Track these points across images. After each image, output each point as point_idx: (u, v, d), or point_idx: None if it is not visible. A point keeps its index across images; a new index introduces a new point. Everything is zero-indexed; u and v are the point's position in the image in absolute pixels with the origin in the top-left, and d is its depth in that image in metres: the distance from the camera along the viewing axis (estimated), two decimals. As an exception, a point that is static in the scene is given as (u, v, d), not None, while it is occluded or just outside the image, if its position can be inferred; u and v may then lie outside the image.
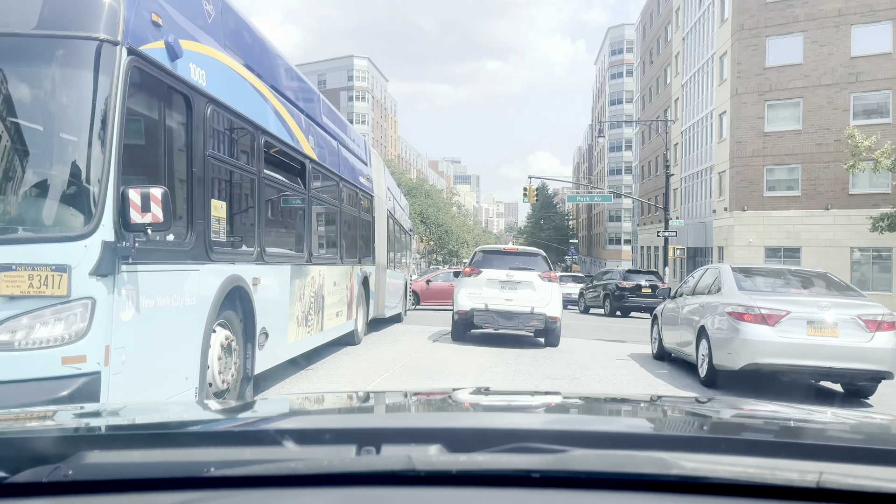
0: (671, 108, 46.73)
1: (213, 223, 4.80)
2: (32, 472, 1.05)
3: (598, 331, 17.46)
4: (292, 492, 1.03)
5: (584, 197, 40.23)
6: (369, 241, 12.15)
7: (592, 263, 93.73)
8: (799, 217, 31.73)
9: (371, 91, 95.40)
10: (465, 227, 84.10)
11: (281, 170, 6.63)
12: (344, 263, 9.78)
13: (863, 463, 1.12)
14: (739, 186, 33.11)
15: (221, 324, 5.11)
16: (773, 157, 32.38)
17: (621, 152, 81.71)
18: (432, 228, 62.83)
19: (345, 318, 9.91)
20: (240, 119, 5.40)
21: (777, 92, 32.32)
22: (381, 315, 13.57)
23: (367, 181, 11.81)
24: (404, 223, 18.98)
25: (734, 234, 33.07)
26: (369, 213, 12.13)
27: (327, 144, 8.78)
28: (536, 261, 12.33)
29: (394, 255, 15.58)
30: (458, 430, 1.30)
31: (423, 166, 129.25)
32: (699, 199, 40.36)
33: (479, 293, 11.81)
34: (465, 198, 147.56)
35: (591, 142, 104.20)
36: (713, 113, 37.22)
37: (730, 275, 8.93)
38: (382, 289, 13.30)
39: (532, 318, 11.53)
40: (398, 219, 16.65)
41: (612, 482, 1.01)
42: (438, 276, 25.98)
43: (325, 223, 9.31)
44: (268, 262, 6.04)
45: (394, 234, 15.57)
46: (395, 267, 15.83)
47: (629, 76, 79.95)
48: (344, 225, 9.92)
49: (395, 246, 16.15)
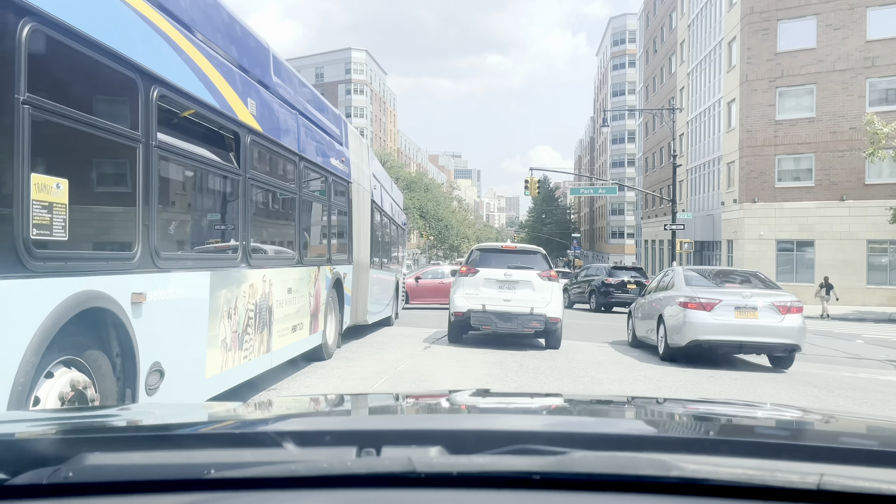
0: (676, 98, 45.32)
1: (37, 212, 3.13)
2: (33, 474, 1.05)
3: (587, 329, 17.07)
4: (292, 494, 1.03)
5: (588, 189, 38.79)
6: (345, 235, 10.32)
7: (595, 258, 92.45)
8: (812, 209, 30.38)
9: (369, 84, 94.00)
10: (466, 222, 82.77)
11: (196, 139, 5.01)
12: (305, 264, 7.92)
13: (863, 464, 1.11)
14: (750, 177, 31.75)
15: (68, 363, 3.50)
16: (785, 146, 31.02)
17: (624, 144, 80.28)
18: (432, 223, 61.45)
19: (307, 332, 8.10)
20: (94, 47, 3.55)
21: (789, 78, 30.94)
22: (361, 321, 11.69)
23: (341, 164, 9.83)
24: (396, 216, 17.23)
25: (744, 226, 31.73)
26: (345, 201, 10.19)
27: (280, 113, 6.95)
28: (535, 259, 11.84)
29: (382, 251, 13.99)
30: (458, 432, 1.31)
31: (423, 160, 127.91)
32: (707, 191, 39.00)
33: (477, 294, 11.34)
34: (466, 192, 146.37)
35: (594, 134, 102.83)
36: (721, 101, 35.83)
37: (680, 274, 11.70)
38: (364, 291, 11.52)
39: (532, 319, 11.09)
40: (387, 211, 14.94)
41: (613, 484, 1.01)
42: (428, 273, 24.59)
43: (273, 214, 7.42)
44: (165, 269, 4.33)
45: (381, 227, 13.97)
46: (384, 265, 14.25)
47: (631, 67, 78.54)
48: (305, 216, 8.03)
49: (384, 241, 14.50)
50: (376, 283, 12.78)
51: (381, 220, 13.68)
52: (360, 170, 11.15)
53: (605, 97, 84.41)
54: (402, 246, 19.18)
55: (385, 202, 14.42)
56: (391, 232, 15.99)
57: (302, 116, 7.86)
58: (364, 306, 11.57)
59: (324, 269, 8.89)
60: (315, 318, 8.47)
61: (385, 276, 14.25)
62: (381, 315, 13.75)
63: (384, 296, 14.08)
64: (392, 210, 15.99)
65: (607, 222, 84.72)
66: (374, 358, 10.02)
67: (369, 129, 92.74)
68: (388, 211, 14.92)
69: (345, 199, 10.20)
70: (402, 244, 19.18)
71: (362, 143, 11.81)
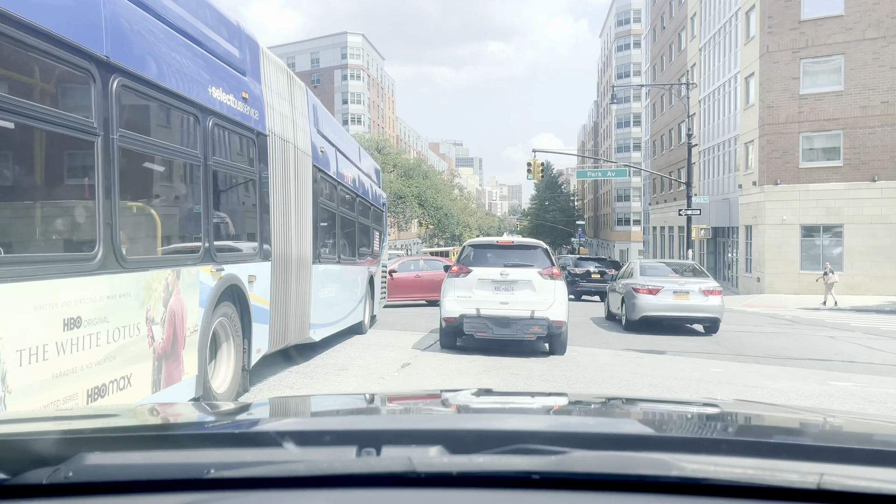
0: (687, 76, 42.66)
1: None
2: (33, 473, 1.06)
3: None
4: (293, 493, 1.03)
5: (595, 172, 36.23)
6: (250, 215, 6.79)
7: (600, 246, 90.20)
8: (841, 190, 27.89)
9: (366, 69, 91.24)
10: (468, 210, 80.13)
11: None
12: (126, 269, 4.28)
13: (863, 464, 1.11)
14: (771, 157, 29.24)
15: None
16: (811, 122, 28.48)
17: (629, 128, 77.62)
18: (431, 212, 58.90)
19: (148, 389, 4.61)
20: None
21: (814, 48, 28.37)
22: (298, 340, 8.34)
23: (241, 104, 6.25)
24: (369, 194, 13.35)
25: (765, 211, 29.26)
26: (255, 164, 6.66)
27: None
28: (536, 255, 10.64)
29: (341, 240, 10.70)
30: (458, 432, 1.30)
31: (423, 148, 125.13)
32: (721, 173, 36.47)
33: (470, 296, 10.23)
34: (468, 181, 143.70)
35: (597, 119, 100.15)
36: (738, 76, 33.25)
37: (637, 266, 15.79)
38: (302, 297, 8.18)
39: (533, 324, 9.98)
40: (350, 186, 11.29)
41: (613, 483, 1.02)
42: (405, 265, 21.52)
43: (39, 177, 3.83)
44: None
45: (337, 206, 10.34)
46: (345, 258, 11.00)
47: (637, 48, 75.84)
48: (134, 183, 4.68)
49: (345, 226, 10.97)
50: (329, 282, 9.74)
51: (334, 194, 10.17)
52: (287, 120, 7.63)
53: (610, 79, 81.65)
54: (381, 233, 15.19)
55: (346, 174, 10.96)
56: (360, 214, 12.41)
57: None
58: (302, 318, 8.24)
59: (186, 275, 5.20)
60: (164, 363, 4.83)
61: (348, 271, 11.23)
62: (341, 325, 10.73)
63: (346, 298, 11.05)
64: (360, 185, 12.37)
65: (612, 209, 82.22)
66: (329, 389, 7.62)
67: (367, 116, 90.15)
68: (350, 185, 11.32)
69: (254, 159, 6.66)
70: (381, 231, 15.14)
71: (294, 84, 8.16)
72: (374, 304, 13.87)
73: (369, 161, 14.54)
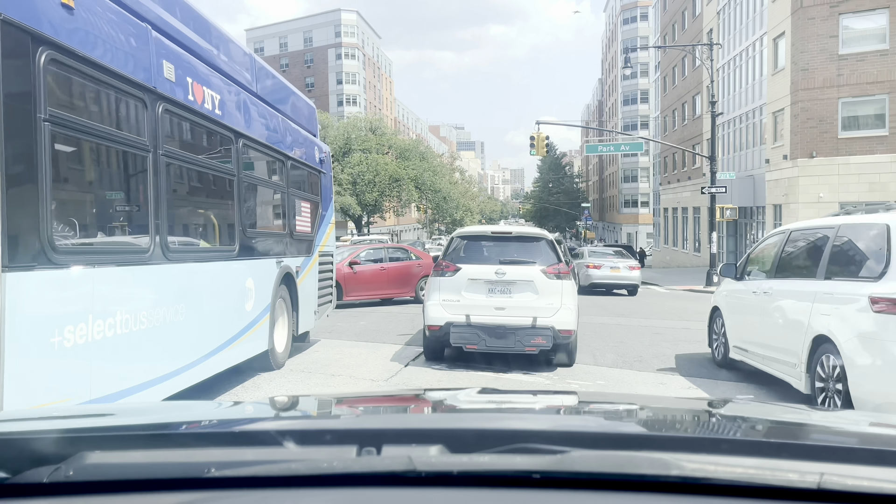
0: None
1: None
2: (33, 472, 1.06)
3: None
4: (293, 492, 1.03)
5: (607, 146, 32.80)
6: None
7: (605, 229, 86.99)
8: (886, 163, 24.58)
9: (361, 48, 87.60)
10: (469, 194, 76.73)
11: None
12: None
13: (863, 464, 1.12)
14: (805, 127, 25.91)
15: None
16: (851, 86, 25.08)
17: (636, 105, 74.04)
18: (428, 195, 55.60)
19: None
20: None
21: (855, 2, 24.94)
22: None
23: None
24: (283, 143, 8.67)
25: (798, 187, 25.99)
26: None
27: None
28: (539, 248, 9.02)
29: (193, 218, 6.70)
30: (459, 431, 1.30)
31: (423, 131, 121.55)
32: (744, 148, 33.12)
33: (458, 300, 8.71)
34: (470, 164, 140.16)
35: (602, 97, 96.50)
36: (764, 38, 29.83)
37: (587, 250, 25.67)
38: None
39: (535, 335, 8.45)
40: (223, 121, 6.67)
41: (613, 483, 1.02)
42: (367, 256, 17.87)
43: None
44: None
45: (195, 155, 6.36)
46: (217, 249, 6.85)
47: (644, 20, 72.16)
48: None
49: (219, 191, 7.08)
50: (149, 295, 5.28)
51: (194, 136, 6.42)
52: None
53: (615, 55, 77.98)
54: (317, 206, 10.33)
55: (210, 96, 6.30)
56: (263, 175, 8.32)
57: None
58: None
59: None
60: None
61: (223, 270, 6.76)
62: (209, 369, 6.30)
63: (210, 316, 6.44)
64: (258, 125, 7.76)
65: (619, 191, 78.85)
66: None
67: (363, 97, 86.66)
68: (224, 121, 6.69)
69: None
70: (315, 202, 10.24)
71: None
72: (306, 316, 9.50)
73: (302, 100, 10.29)
